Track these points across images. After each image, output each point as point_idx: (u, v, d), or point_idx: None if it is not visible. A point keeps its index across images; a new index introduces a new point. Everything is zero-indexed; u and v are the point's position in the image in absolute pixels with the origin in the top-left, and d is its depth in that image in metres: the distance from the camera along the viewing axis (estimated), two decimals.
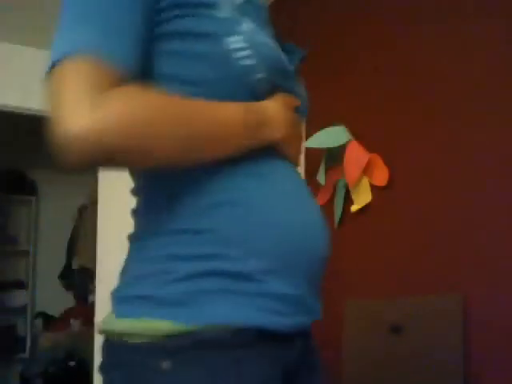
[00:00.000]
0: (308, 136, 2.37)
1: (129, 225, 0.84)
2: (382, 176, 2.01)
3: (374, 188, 2.06)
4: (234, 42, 0.75)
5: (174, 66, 0.76)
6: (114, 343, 0.75)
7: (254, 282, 0.73)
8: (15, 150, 4.89)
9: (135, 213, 0.83)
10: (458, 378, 1.62)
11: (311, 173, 2.39)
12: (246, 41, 0.76)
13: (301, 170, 2.47)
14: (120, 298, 0.78)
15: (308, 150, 2.40)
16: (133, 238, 0.82)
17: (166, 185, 0.77)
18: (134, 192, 0.84)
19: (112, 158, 0.67)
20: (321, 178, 2.28)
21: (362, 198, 2.09)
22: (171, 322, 0.71)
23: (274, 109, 0.81)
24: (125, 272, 0.80)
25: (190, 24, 0.75)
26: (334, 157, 2.23)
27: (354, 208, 2.12)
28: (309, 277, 0.79)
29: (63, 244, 4.88)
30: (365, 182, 2.07)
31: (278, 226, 0.76)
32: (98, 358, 0.79)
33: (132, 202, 0.85)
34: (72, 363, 4.33)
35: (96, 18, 0.69)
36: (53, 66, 0.68)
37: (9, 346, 4.65)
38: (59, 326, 4.63)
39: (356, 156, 2.08)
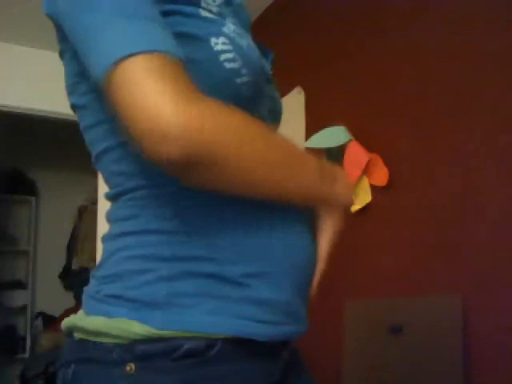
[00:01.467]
0: (308, 136, 2.37)
1: None
2: (381, 176, 2.01)
3: (374, 188, 2.06)
4: (219, 43, 0.72)
5: None
6: (81, 340, 0.73)
7: (239, 285, 0.70)
8: (15, 150, 4.89)
9: (113, 215, 0.79)
10: (458, 378, 1.62)
11: None
12: (229, 43, 0.72)
13: None
14: (93, 296, 0.75)
15: (308, 150, 2.40)
16: (109, 238, 0.78)
17: (161, 189, 0.73)
18: (113, 196, 0.80)
19: (214, 160, 0.62)
20: None
21: (361, 198, 2.09)
22: (143, 324, 0.67)
23: (342, 174, 0.83)
24: (99, 270, 0.76)
25: (174, 23, 0.70)
26: (334, 157, 2.23)
27: (353, 208, 2.12)
28: (297, 285, 0.77)
29: (63, 244, 4.89)
30: (365, 182, 2.07)
31: (271, 233, 0.75)
32: None
33: None
34: None
35: (139, 13, 0.64)
36: (115, 65, 0.61)
37: (9, 345, 4.65)
38: (59, 326, 4.60)
39: (356, 156, 2.08)
